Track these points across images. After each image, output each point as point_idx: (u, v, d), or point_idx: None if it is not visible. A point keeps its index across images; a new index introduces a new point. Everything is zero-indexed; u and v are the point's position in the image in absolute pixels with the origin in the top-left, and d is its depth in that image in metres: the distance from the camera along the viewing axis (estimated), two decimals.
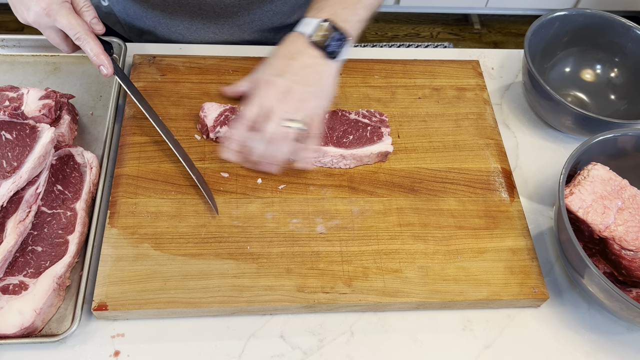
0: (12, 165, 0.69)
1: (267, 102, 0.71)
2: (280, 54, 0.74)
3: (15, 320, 0.63)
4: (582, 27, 0.94)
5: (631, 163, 0.79)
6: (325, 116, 0.82)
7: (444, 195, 0.79)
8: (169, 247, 0.70)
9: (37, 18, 0.72)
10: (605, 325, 0.73)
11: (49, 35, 0.75)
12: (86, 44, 0.73)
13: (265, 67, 0.74)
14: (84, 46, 0.74)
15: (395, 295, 0.70)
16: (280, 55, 0.74)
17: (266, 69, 0.74)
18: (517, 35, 2.45)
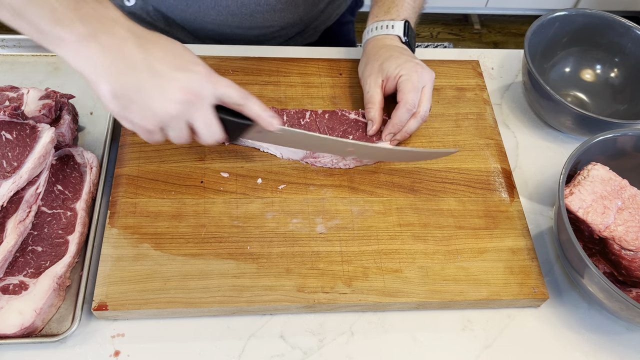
0: (12, 165, 0.69)
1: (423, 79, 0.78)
2: (392, 51, 0.81)
3: (15, 320, 0.63)
4: (582, 27, 0.94)
5: (631, 163, 0.79)
6: (325, 116, 0.83)
7: (444, 195, 0.79)
8: (169, 247, 0.70)
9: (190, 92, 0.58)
10: (605, 325, 0.73)
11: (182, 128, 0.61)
12: (253, 98, 0.65)
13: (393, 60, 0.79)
14: (252, 102, 0.64)
15: (395, 295, 0.70)
16: (392, 51, 0.81)
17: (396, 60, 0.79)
18: (517, 35, 2.45)
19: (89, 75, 0.57)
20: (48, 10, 0.54)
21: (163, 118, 0.59)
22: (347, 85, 0.89)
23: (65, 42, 0.55)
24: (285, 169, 0.79)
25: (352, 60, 0.92)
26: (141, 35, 0.58)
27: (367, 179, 0.79)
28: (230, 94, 0.62)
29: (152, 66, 0.57)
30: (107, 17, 0.56)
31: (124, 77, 0.56)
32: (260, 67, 0.89)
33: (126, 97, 0.57)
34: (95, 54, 0.55)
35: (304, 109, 0.83)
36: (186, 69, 0.59)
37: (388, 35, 0.84)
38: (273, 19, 0.96)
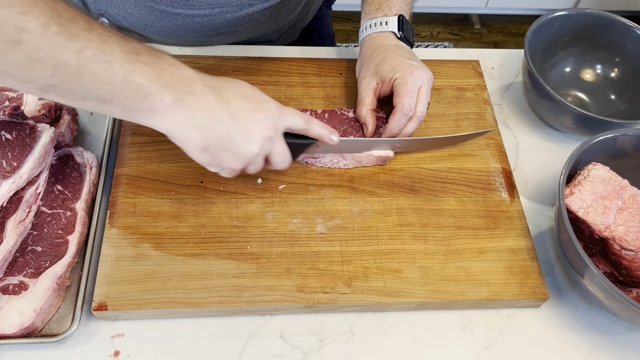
0: (12, 165, 0.69)
1: (419, 84, 0.77)
2: (387, 50, 0.80)
3: (15, 320, 0.63)
4: (582, 27, 0.94)
5: (631, 163, 0.79)
6: (324, 116, 0.82)
7: (444, 195, 0.79)
8: (169, 247, 0.70)
9: (270, 129, 0.63)
10: (605, 325, 0.73)
11: (261, 161, 0.67)
12: (314, 124, 0.69)
13: (388, 62, 0.78)
14: (313, 127, 0.69)
15: (395, 295, 0.70)
16: (388, 50, 0.80)
17: (391, 61, 0.78)
18: (517, 35, 2.45)
19: (180, 135, 0.61)
20: (135, 88, 0.55)
21: (249, 157, 0.64)
22: (347, 85, 0.89)
23: (156, 112, 0.58)
24: (285, 169, 0.79)
25: (352, 60, 0.92)
26: (215, 86, 0.61)
27: (367, 179, 0.79)
28: (297, 122, 0.67)
29: (234, 115, 0.61)
30: (184, 77, 0.59)
31: (212, 131, 0.60)
32: (260, 67, 0.89)
33: (216, 147, 0.62)
34: (184, 116, 0.59)
35: (303, 109, 0.83)
36: (262, 109, 0.63)
37: (383, 33, 0.82)
38: (256, 30, 0.96)
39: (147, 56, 0.57)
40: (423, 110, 0.78)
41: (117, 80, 0.54)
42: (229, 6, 0.88)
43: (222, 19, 0.90)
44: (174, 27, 0.91)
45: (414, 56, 0.80)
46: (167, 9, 0.88)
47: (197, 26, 0.91)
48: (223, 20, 0.90)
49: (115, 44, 0.54)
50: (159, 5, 0.87)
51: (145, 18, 0.90)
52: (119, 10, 0.92)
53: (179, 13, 0.88)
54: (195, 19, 0.89)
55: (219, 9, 0.88)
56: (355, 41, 2.33)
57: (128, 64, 0.55)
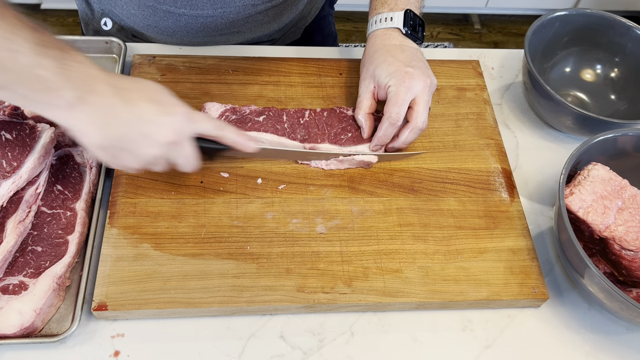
0: (12, 165, 0.69)
1: (412, 94, 0.76)
2: (388, 51, 0.78)
3: (15, 320, 0.63)
4: (582, 27, 0.94)
5: (631, 163, 0.79)
6: (323, 114, 0.83)
7: (444, 195, 0.79)
8: (169, 247, 0.70)
9: (175, 134, 0.63)
10: (605, 325, 0.73)
11: (165, 164, 0.67)
12: (228, 127, 0.69)
13: (385, 66, 0.77)
14: (226, 131, 0.69)
15: (395, 296, 0.70)
16: (389, 52, 0.78)
17: (389, 66, 0.77)
18: (517, 35, 2.45)
19: (79, 132, 0.60)
20: (37, 81, 0.55)
21: (149, 159, 0.64)
22: (347, 85, 0.89)
23: (56, 107, 0.57)
24: (285, 169, 0.79)
25: (352, 60, 0.92)
26: (122, 87, 0.61)
27: (367, 179, 0.79)
28: (207, 128, 0.67)
29: (136, 115, 0.61)
30: (90, 76, 0.59)
31: (112, 131, 0.60)
32: (260, 67, 0.89)
33: (115, 147, 0.62)
34: (85, 114, 0.59)
35: (303, 109, 0.83)
36: (168, 113, 0.63)
37: (387, 30, 0.81)
38: (260, 30, 0.96)
39: (56, 50, 0.56)
40: (423, 121, 0.76)
41: (20, 69, 0.54)
42: (232, 7, 0.88)
43: (225, 19, 0.90)
44: (178, 28, 0.91)
45: (415, 59, 0.78)
46: (171, 9, 0.88)
47: (201, 26, 0.91)
48: (226, 20, 0.90)
49: (26, 34, 0.54)
50: (163, 5, 0.87)
51: (149, 18, 0.90)
52: (123, 11, 0.92)
53: (183, 13, 0.88)
54: (198, 20, 0.89)
55: (222, 9, 0.88)
56: (356, 41, 2.33)
57: (34, 55, 0.54)
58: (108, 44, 0.90)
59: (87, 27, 1.01)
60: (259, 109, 0.82)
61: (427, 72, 0.77)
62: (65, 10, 2.25)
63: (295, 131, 0.80)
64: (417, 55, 0.79)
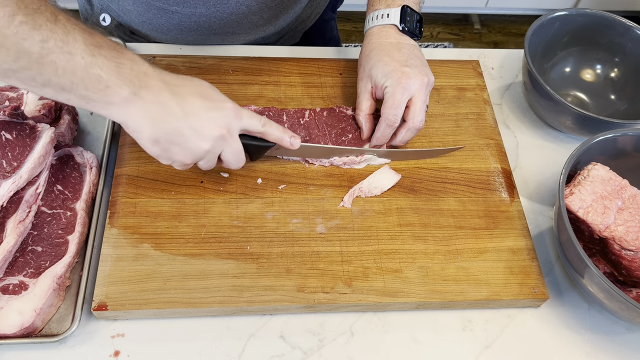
0: (12, 165, 0.69)
1: (408, 95, 0.76)
2: (384, 50, 0.78)
3: (15, 320, 0.63)
4: (582, 27, 0.94)
5: (631, 163, 0.79)
6: (323, 114, 0.83)
7: (444, 195, 0.79)
8: (169, 247, 0.70)
9: (223, 128, 0.65)
10: (605, 325, 0.73)
11: (213, 159, 0.68)
12: (273, 123, 0.71)
13: (382, 66, 0.76)
14: (271, 127, 0.70)
15: (395, 295, 0.70)
16: (385, 51, 0.78)
17: (385, 66, 0.76)
18: (517, 35, 2.45)
19: (133, 126, 0.62)
20: (94, 80, 0.57)
21: (199, 154, 0.65)
22: (347, 85, 0.89)
23: (112, 104, 0.60)
24: (285, 169, 0.79)
25: (352, 60, 0.92)
26: (173, 83, 0.63)
27: None
28: (253, 124, 0.69)
29: (187, 111, 0.63)
30: (142, 72, 0.61)
31: (164, 125, 0.62)
32: (260, 67, 0.89)
33: (167, 141, 0.63)
34: (139, 109, 0.61)
35: (303, 108, 0.83)
36: (216, 108, 0.65)
37: (384, 27, 0.80)
38: (255, 33, 0.96)
39: (108, 50, 0.58)
40: (420, 120, 0.77)
41: (77, 71, 0.56)
42: (226, 6, 0.88)
43: (219, 18, 0.90)
44: (171, 26, 0.91)
45: (412, 57, 0.78)
46: (164, 6, 0.88)
47: (194, 25, 0.91)
48: (220, 20, 0.90)
49: (78, 36, 0.56)
50: (156, 2, 0.87)
51: (143, 15, 0.90)
52: (119, 7, 0.92)
53: (176, 11, 0.88)
54: (192, 18, 0.89)
55: (215, 8, 0.88)
56: (355, 41, 2.34)
57: (90, 57, 0.56)
58: None
59: (86, 23, 1.01)
60: (259, 109, 0.82)
61: (424, 70, 0.77)
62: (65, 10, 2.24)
63: (296, 131, 0.80)
64: (414, 53, 0.79)
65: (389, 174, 0.79)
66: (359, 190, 0.77)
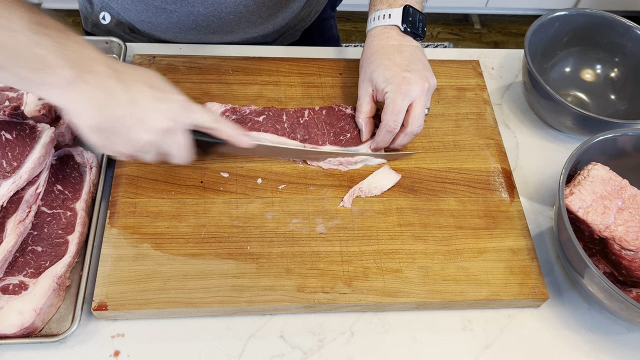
0: (12, 165, 0.69)
1: (409, 100, 0.75)
2: (386, 53, 0.77)
3: (15, 320, 0.63)
4: (582, 27, 0.94)
5: (631, 163, 0.79)
6: (322, 112, 0.82)
7: (444, 195, 0.79)
8: (169, 247, 0.70)
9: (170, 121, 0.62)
10: (605, 325, 0.73)
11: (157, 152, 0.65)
12: (226, 121, 0.69)
13: (382, 70, 0.76)
14: (225, 125, 0.68)
15: (395, 295, 0.70)
16: (386, 54, 0.77)
17: (386, 70, 0.75)
18: (517, 35, 2.45)
19: (74, 111, 0.59)
20: (34, 59, 0.55)
21: (142, 146, 0.62)
22: (347, 85, 0.89)
23: (52, 85, 0.57)
24: (285, 169, 0.79)
25: (352, 60, 0.92)
26: (120, 70, 0.61)
27: None
28: (203, 119, 0.66)
29: (134, 99, 0.60)
30: (88, 57, 0.58)
31: (107, 112, 0.59)
32: (260, 67, 0.89)
33: (109, 130, 0.60)
34: (81, 94, 0.58)
35: (302, 108, 0.83)
36: (165, 99, 0.62)
37: (386, 28, 0.79)
38: (254, 31, 0.96)
39: (55, 31, 0.56)
40: (419, 125, 0.76)
41: (18, 48, 0.54)
42: (224, 5, 0.88)
43: (217, 17, 0.90)
44: (170, 24, 0.91)
45: (414, 60, 0.77)
46: (162, 5, 0.88)
47: (193, 24, 0.91)
48: (218, 18, 0.90)
49: (23, 14, 0.54)
50: (155, 1, 0.87)
51: (142, 14, 0.90)
52: (119, 5, 0.93)
53: (174, 10, 0.88)
54: (190, 17, 0.89)
55: (214, 7, 0.88)
56: (355, 41, 2.34)
57: (33, 34, 0.54)
58: (108, 44, 0.90)
59: (86, 21, 1.01)
60: (259, 109, 0.82)
61: (425, 74, 0.76)
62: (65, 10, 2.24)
63: (295, 131, 0.80)
64: (417, 56, 0.78)
65: (389, 174, 0.79)
66: (359, 190, 0.77)
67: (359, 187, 0.77)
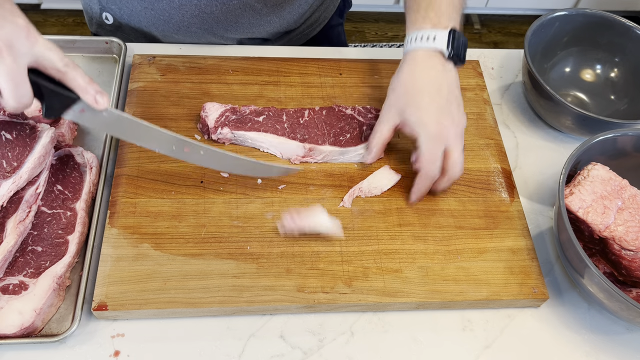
0: (12, 165, 0.69)
1: (443, 147, 0.72)
2: (425, 86, 0.73)
3: (15, 320, 0.63)
4: (582, 27, 0.94)
5: (631, 163, 0.79)
6: (322, 112, 0.82)
7: (444, 195, 0.79)
8: (169, 247, 0.70)
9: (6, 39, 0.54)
10: (605, 325, 0.73)
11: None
12: (77, 69, 0.60)
13: (416, 109, 0.73)
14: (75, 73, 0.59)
15: (395, 295, 0.70)
16: (426, 87, 0.73)
17: (420, 111, 0.72)
18: (517, 35, 2.45)
19: None
20: None
21: None
22: (347, 85, 0.89)
23: None
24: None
25: (352, 60, 0.92)
26: None
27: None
28: (51, 57, 0.57)
29: None
30: None
31: None
32: (260, 67, 0.89)
33: None
34: None
35: (302, 108, 0.83)
36: (2, 17, 0.55)
37: (429, 52, 0.74)
38: (259, 24, 0.95)
39: None
40: (460, 169, 0.74)
41: None
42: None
43: (220, 2, 0.89)
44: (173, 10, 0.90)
45: (451, 101, 0.73)
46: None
47: (196, 9, 0.90)
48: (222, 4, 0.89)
49: None
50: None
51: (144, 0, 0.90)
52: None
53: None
54: (192, 1, 0.89)
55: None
56: (356, 41, 2.34)
57: None
58: (108, 44, 0.90)
59: (91, 22, 1.01)
60: (259, 109, 0.82)
61: (458, 116, 0.74)
62: (65, 10, 2.25)
63: (295, 131, 0.80)
64: (454, 93, 0.75)
65: (388, 174, 0.79)
66: (359, 190, 0.77)
67: (358, 187, 0.77)
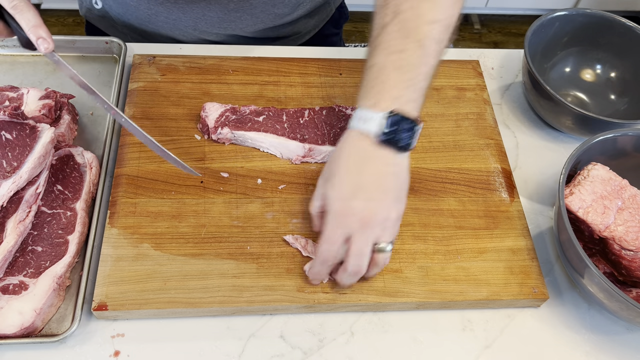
0: (12, 165, 0.69)
1: (345, 232, 0.63)
2: (344, 166, 0.64)
3: (15, 320, 0.63)
4: (582, 27, 0.94)
5: (631, 163, 0.79)
6: (322, 112, 0.82)
7: (444, 195, 0.79)
8: (169, 247, 0.70)
9: None
10: (605, 325, 0.73)
11: None
12: (24, 13, 0.60)
13: (330, 186, 0.64)
14: (21, 16, 0.60)
15: (395, 295, 0.70)
16: (345, 167, 0.64)
17: (333, 188, 0.64)
18: (517, 35, 2.45)
19: None
20: None
21: None
22: (347, 85, 0.89)
23: None
24: (285, 169, 0.79)
25: (352, 60, 0.92)
26: None
27: None
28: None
29: None
30: None
31: None
32: (260, 67, 0.89)
33: None
34: None
35: (302, 108, 0.83)
36: None
37: (360, 133, 0.64)
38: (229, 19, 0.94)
39: None
40: (359, 265, 0.64)
41: None
42: None
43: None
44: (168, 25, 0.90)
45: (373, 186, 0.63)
46: None
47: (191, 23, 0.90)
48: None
49: None
50: None
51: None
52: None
53: None
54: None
55: None
56: (355, 41, 2.33)
57: None
58: (108, 44, 0.90)
59: (81, 6, 1.01)
60: (259, 109, 0.82)
61: (380, 205, 0.63)
62: (65, 10, 2.25)
63: (295, 131, 0.80)
64: (381, 180, 0.64)
65: None
66: None
67: None
